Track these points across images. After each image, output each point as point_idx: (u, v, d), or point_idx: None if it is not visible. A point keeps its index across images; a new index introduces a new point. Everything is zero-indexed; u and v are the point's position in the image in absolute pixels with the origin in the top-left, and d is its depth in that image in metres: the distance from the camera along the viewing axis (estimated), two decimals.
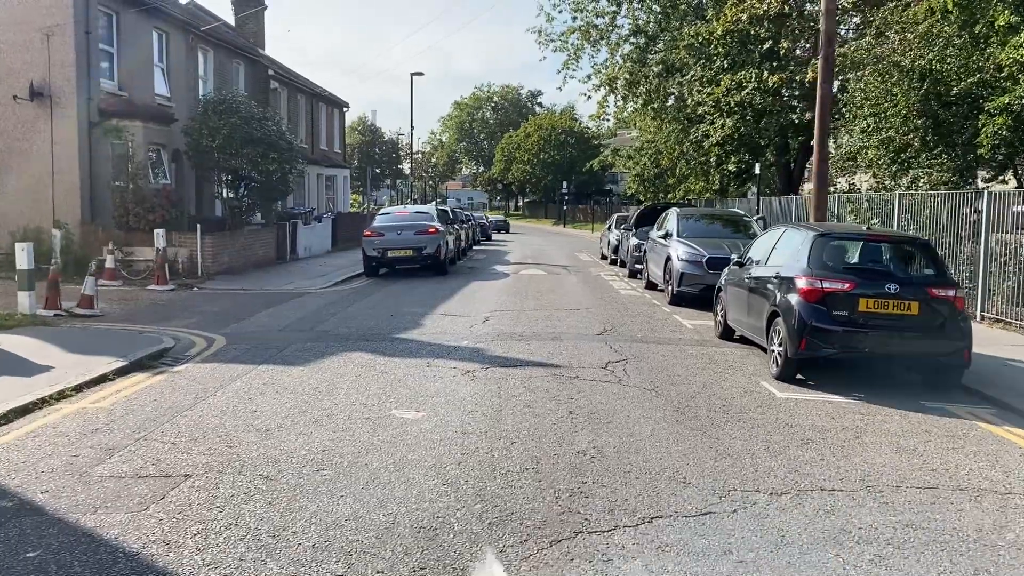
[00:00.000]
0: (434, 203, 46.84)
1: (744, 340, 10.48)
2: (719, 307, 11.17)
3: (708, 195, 29.89)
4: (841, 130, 19.41)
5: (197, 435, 6.24)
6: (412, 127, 43.27)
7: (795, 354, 8.21)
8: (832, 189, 26.55)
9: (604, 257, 27.55)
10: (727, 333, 10.86)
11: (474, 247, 34.59)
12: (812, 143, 27.33)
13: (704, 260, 14.04)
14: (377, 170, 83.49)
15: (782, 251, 9.29)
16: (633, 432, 6.38)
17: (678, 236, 15.29)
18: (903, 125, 14.76)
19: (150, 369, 8.71)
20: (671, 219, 16.27)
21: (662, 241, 15.80)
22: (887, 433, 6.66)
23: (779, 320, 8.52)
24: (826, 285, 8.13)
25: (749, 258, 10.36)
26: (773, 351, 8.66)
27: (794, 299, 8.30)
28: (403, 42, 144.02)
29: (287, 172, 21.09)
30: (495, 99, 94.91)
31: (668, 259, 14.95)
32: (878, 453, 6.09)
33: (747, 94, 22.43)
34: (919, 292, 8.10)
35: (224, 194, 21.89)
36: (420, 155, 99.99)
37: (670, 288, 14.73)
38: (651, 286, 17.14)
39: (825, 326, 8.07)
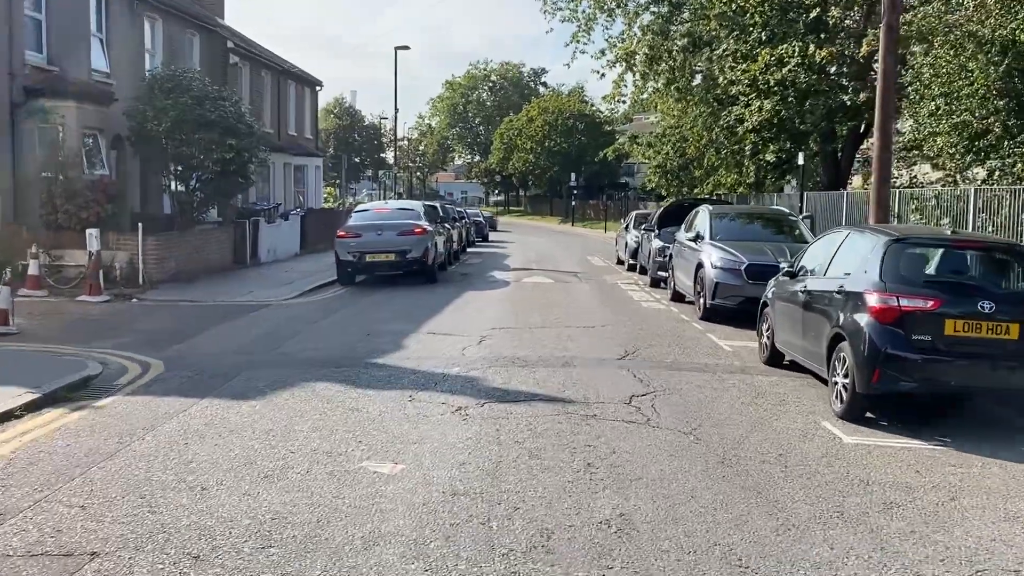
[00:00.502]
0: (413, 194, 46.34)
1: (796, 366, 9.87)
2: (764, 326, 10.56)
3: (741, 190, 29.32)
4: (903, 114, 18.84)
5: (114, 494, 5.62)
6: (396, 109, 42.68)
7: (865, 388, 7.59)
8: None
9: (620, 262, 26.98)
10: (775, 358, 10.25)
11: (468, 249, 34.05)
12: (864, 129, 26.94)
13: (743, 268, 13.45)
14: (356, 159, 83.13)
15: (846, 259, 8.68)
16: (669, 493, 5.75)
17: (711, 239, 14.69)
18: (981, 107, 14.19)
19: (68, 403, 8.10)
20: (702, 218, 15.68)
21: (692, 245, 15.20)
22: (989, 493, 6.04)
23: (844, 345, 7.91)
24: (904, 303, 7.52)
25: (802, 267, 9.77)
26: (836, 383, 8.05)
27: (863, 320, 7.69)
28: (390, 15, 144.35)
29: (247, 161, 20.52)
30: (493, 78, 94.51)
31: (699, 266, 14.35)
32: (982, 521, 5.46)
33: (789, 71, 21.89)
34: (1020, 312, 7.49)
35: (174, 187, 21.34)
36: (406, 142, 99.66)
37: (702, 301, 14.13)
38: (678, 297, 16.54)
39: (903, 354, 7.46)
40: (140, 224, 17.46)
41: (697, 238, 15.08)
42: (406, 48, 42.96)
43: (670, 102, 30.43)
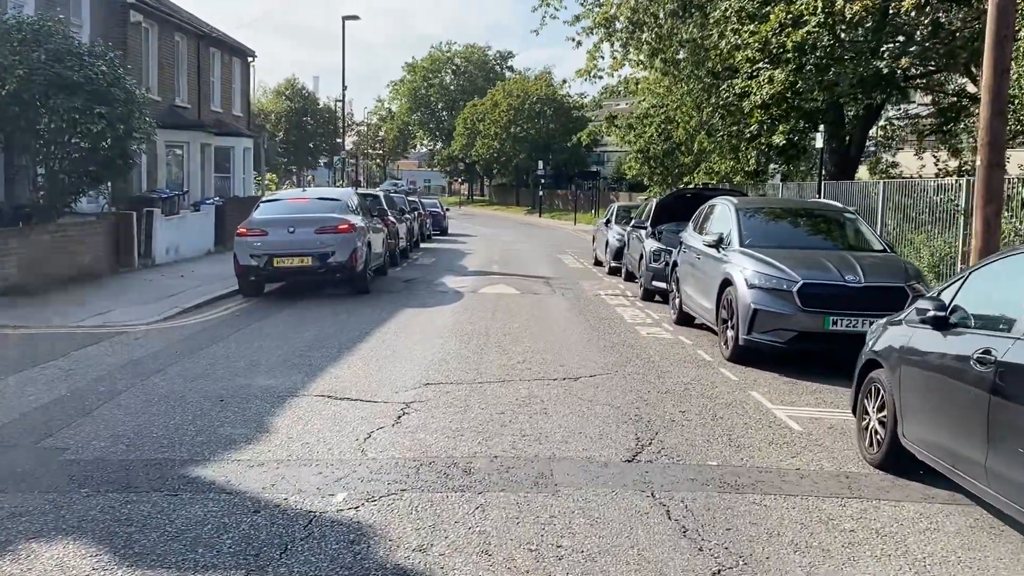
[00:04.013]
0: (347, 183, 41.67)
1: (925, 467, 5.62)
2: (872, 403, 6.26)
3: (738, 178, 25.07)
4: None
5: None
6: (344, 86, 37.74)
7: None
8: (953, 168, 22.09)
9: (599, 263, 22.72)
10: (894, 456, 5.97)
11: (422, 244, 29.70)
12: (878, 107, 22.82)
13: (796, 289, 9.15)
14: (311, 144, 78.54)
15: None
16: None
17: (741, 244, 10.40)
18: None
19: None
20: (724, 215, 11.37)
21: (711, 252, 10.90)
22: None
23: None
24: None
25: (956, 309, 5.47)
26: None
27: None
28: (355, 1, 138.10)
29: (125, 136, 15.84)
30: (457, 61, 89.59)
31: (726, 283, 10.05)
32: None
33: (808, 32, 17.66)
34: None
35: (36, 169, 16.62)
36: (365, 127, 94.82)
37: (731, 334, 9.82)
38: (684, 319, 12.29)
39: None
40: None
41: (719, 242, 10.75)
42: (355, 18, 38.11)
43: (655, 76, 26.20)
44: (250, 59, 32.19)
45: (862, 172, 30.09)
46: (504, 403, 7.55)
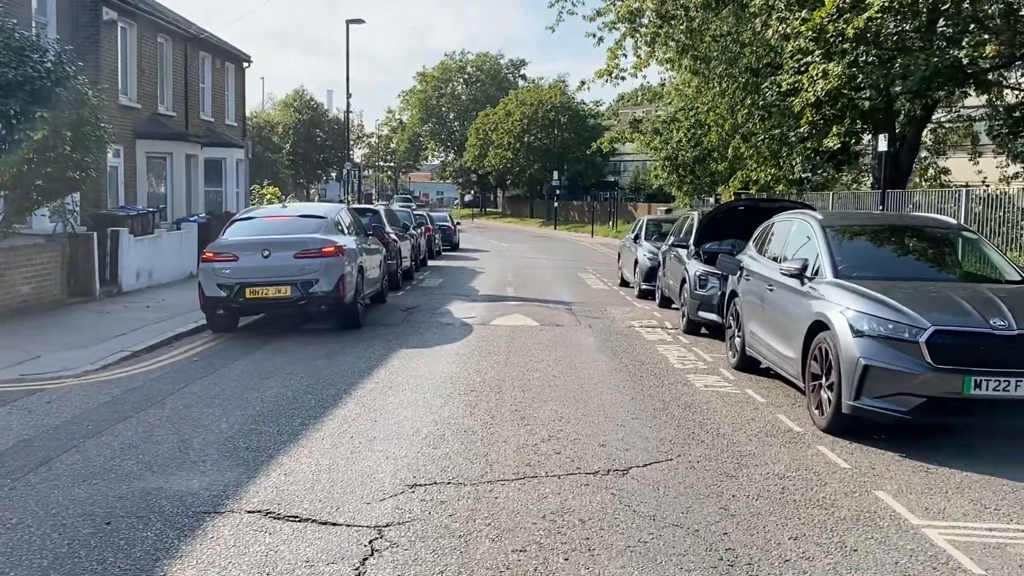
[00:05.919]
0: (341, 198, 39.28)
1: None
2: None
3: (780, 187, 22.57)
4: None
5: None
6: (349, 93, 35.48)
7: None
8: None
9: (625, 283, 20.26)
10: None
11: (430, 262, 27.34)
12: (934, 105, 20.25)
13: (924, 338, 6.64)
14: (320, 156, 76.61)
15: None
16: None
17: (836, 275, 7.89)
18: None
19: None
20: (804, 234, 8.86)
21: (791, 282, 8.38)
22: None
23: None
24: None
25: None
26: None
27: None
28: (371, 15, 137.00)
29: (73, 144, 13.49)
30: (469, 69, 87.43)
31: (819, 326, 7.53)
32: None
33: (870, 19, 15.18)
34: None
35: None
36: (376, 139, 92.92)
37: (826, 395, 7.30)
38: (747, 364, 9.80)
39: None
40: None
41: (802, 272, 8.24)
42: (360, 22, 35.94)
43: (684, 76, 23.81)
44: (245, 64, 29.96)
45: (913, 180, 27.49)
46: (525, 527, 5.07)
